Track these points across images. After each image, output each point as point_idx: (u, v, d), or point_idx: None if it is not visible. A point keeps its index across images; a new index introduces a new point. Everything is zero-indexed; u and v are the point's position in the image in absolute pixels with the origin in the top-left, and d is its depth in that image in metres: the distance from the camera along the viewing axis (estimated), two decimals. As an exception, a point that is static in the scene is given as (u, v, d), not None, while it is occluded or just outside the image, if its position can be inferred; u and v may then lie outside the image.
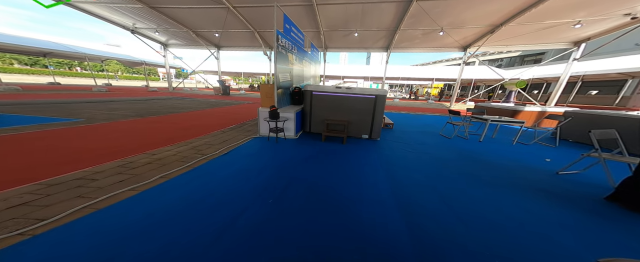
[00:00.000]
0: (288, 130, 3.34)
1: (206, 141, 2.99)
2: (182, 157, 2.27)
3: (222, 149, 2.61)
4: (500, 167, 2.39)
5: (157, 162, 2.10)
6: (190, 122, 4.33)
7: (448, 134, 3.95)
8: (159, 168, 1.97)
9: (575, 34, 7.56)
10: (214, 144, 2.82)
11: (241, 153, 2.52)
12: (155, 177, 1.77)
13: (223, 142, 2.96)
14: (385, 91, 3.23)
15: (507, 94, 6.72)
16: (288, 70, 3.55)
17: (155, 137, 2.99)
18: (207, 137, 3.17)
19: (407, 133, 4.16)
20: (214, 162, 2.20)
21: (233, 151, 2.57)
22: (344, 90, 3.32)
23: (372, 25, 8.76)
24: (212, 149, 2.60)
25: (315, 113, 3.55)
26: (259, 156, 2.44)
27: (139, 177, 1.77)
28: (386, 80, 12.30)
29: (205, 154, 2.42)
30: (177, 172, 1.90)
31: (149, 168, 1.96)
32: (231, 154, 2.46)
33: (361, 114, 3.40)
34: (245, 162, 2.25)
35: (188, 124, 4.06)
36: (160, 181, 1.72)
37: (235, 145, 2.83)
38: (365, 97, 3.29)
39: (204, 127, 3.82)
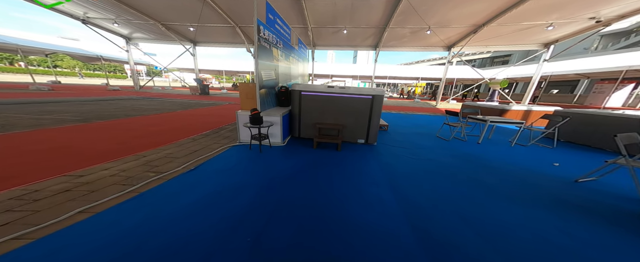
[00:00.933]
0: (274, 136, 2.86)
1: (168, 152, 2.39)
2: (125, 179, 1.70)
3: (187, 164, 2.06)
4: (511, 174, 2.18)
5: (81, 189, 1.51)
6: (152, 127, 3.61)
7: (445, 136, 3.77)
8: (80, 198, 1.39)
9: (545, 36, 8.05)
10: (177, 157, 2.24)
11: (213, 168, 2.01)
12: (65, 215, 1.20)
13: (191, 153, 2.39)
14: (382, 91, 2.90)
15: (491, 93, 6.89)
16: (272, 67, 3.06)
17: (94, 150, 2.32)
18: (171, 147, 2.56)
19: (403, 135, 3.91)
20: (172, 184, 1.67)
21: (202, 166, 2.04)
22: (337, 90, 2.93)
23: (361, 23, 8.51)
24: (173, 165, 2.03)
25: (305, 116, 3.12)
26: (236, 172, 1.95)
27: (38, 216, 1.19)
28: (374, 80, 12.22)
29: (161, 172, 1.86)
30: (110, 203, 1.35)
31: (62, 198, 1.38)
32: (199, 171, 1.93)
33: (357, 116, 3.04)
34: (216, 181, 1.75)
35: (148, 130, 3.37)
36: (74, 220, 1.17)
37: (206, 157, 2.28)
38: (361, 98, 2.93)
39: (170, 134, 3.17)
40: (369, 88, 2.95)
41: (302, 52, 5.88)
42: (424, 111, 8.49)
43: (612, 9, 6.14)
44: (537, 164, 2.52)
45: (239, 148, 2.67)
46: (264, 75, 2.78)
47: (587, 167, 2.21)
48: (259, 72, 2.58)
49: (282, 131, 2.89)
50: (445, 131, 4.12)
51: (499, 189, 1.84)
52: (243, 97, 2.80)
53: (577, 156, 2.85)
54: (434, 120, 6.07)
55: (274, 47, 3.08)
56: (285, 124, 3.08)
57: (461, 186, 1.89)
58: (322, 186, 1.75)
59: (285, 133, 3.06)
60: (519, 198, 1.70)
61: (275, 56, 3.18)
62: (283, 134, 2.94)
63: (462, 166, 2.39)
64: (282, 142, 2.92)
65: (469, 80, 19.90)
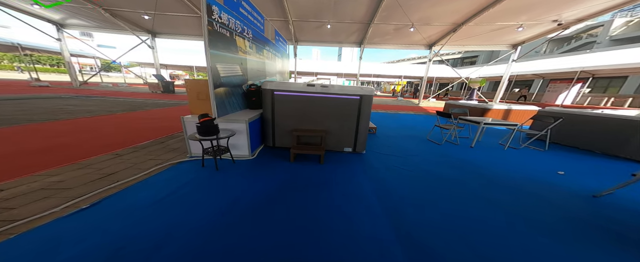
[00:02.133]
0: (238, 147, 2.24)
1: (56, 179, 1.59)
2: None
3: (78, 200, 1.34)
4: (520, 189, 1.90)
5: None
6: (59, 137, 2.65)
7: (437, 139, 3.50)
8: None
9: (514, 37, 8.52)
10: (68, 188, 1.48)
11: (127, 203, 1.35)
12: None
13: (101, 179, 1.65)
14: (371, 90, 2.45)
15: (470, 92, 7.01)
16: (236, 60, 2.41)
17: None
18: (68, 170, 1.75)
19: (393, 139, 3.56)
20: (31, 239, 0.98)
21: (110, 200, 1.36)
22: (319, 89, 2.40)
23: (345, 17, 8.07)
24: (51, 202, 1.30)
25: (280, 121, 2.54)
26: (164, 208, 1.32)
27: None
28: (360, 77, 11.98)
29: (12, 220, 1.13)
30: None
31: None
32: (98, 210, 1.26)
33: (342, 120, 2.55)
34: (134, 221, 1.12)
35: (48, 143, 2.44)
36: None
37: (123, 184, 1.58)
38: (347, 98, 2.44)
39: (83, 147, 2.32)
40: (355, 87, 2.48)
41: (281, 47, 5.22)
42: (408, 110, 8.43)
43: (573, 12, 6.58)
44: (540, 173, 2.31)
45: (188, 166, 1.99)
46: (224, 70, 2.12)
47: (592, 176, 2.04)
48: (213, 66, 1.92)
49: (250, 140, 2.27)
50: (436, 133, 3.87)
51: (516, 211, 1.50)
52: (193, 98, 2.11)
53: (573, 160, 2.74)
54: (421, 120, 5.92)
55: (239, 36, 2.43)
56: (255, 131, 2.46)
57: (471, 208, 1.52)
58: (300, 225, 1.22)
59: (255, 143, 2.45)
60: (544, 225, 1.37)
61: (241, 47, 2.53)
62: (251, 144, 2.32)
63: (466, 179, 2.06)
64: (250, 155, 2.31)
65: (445, 79, 20.96)
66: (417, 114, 7.29)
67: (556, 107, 3.57)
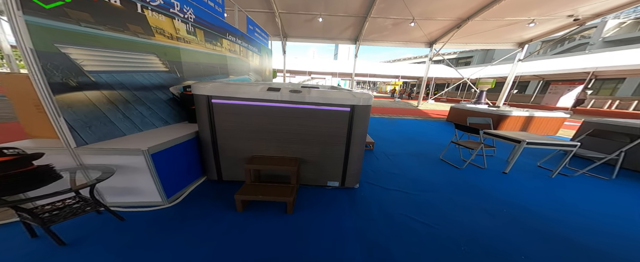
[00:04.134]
0: (138, 192, 1.33)
1: None
2: None
3: None
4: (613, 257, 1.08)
5: None
6: None
7: (454, 160, 2.68)
8: None
9: (520, 35, 7.86)
10: None
11: None
12: None
13: None
14: (368, 96, 1.59)
15: (478, 95, 6.27)
16: (150, 47, 1.49)
17: None
18: None
19: (396, 159, 2.71)
20: None
21: None
22: (286, 95, 1.52)
23: (338, 10, 7.20)
24: None
25: (227, 144, 1.65)
26: None
27: None
28: (355, 77, 11.16)
29: None
30: None
31: None
32: None
33: (326, 143, 1.69)
34: None
35: None
36: None
37: None
38: (331, 111, 1.58)
39: None
40: (344, 91, 1.62)
41: (259, 41, 4.30)
42: (407, 114, 7.64)
43: (591, 6, 5.93)
44: (630, 221, 1.51)
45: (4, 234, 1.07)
46: (106, 59, 1.21)
47: None
48: (49, 50, 1.01)
49: (165, 177, 1.37)
50: (452, 151, 3.02)
51: None
52: (26, 109, 1.14)
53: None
54: (425, 127, 5.10)
55: (159, 13, 1.51)
56: (188, 157, 1.56)
57: None
58: None
59: (179, 180, 1.55)
60: None
61: (165, 30, 1.62)
62: (171, 182, 1.42)
63: (521, 242, 1.23)
64: (165, 202, 1.40)
65: (442, 80, 20.44)
66: (418, 119, 6.49)
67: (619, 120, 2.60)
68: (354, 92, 1.60)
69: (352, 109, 1.59)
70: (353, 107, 1.57)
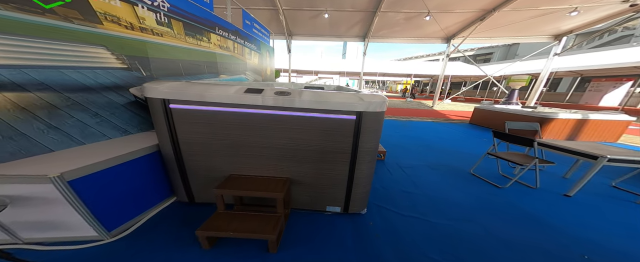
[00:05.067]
0: (65, 227, 1.00)
1: None
2: None
3: None
4: None
5: None
6: None
7: (489, 175, 2.14)
8: None
9: (557, 26, 6.89)
10: None
11: None
12: None
13: None
14: (381, 100, 1.16)
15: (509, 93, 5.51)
16: (89, 37, 1.17)
17: None
18: None
19: (413, 171, 2.24)
20: None
21: None
22: (270, 99, 1.13)
23: (345, 4, 6.76)
24: None
25: (195, 160, 1.30)
26: None
27: None
28: (364, 76, 10.61)
29: None
30: None
31: None
32: None
33: (323, 159, 1.30)
34: None
35: None
36: None
37: None
38: (332, 120, 1.17)
39: None
40: (350, 92, 1.20)
41: (259, 37, 3.98)
42: (422, 115, 6.99)
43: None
44: None
45: None
46: (28, 52, 0.90)
47: None
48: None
49: (98, 206, 1.03)
50: (488, 165, 2.46)
51: None
52: None
53: None
54: (445, 132, 4.49)
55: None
56: (147, 176, 1.23)
57: None
58: None
59: (143, 200, 1.22)
60: None
61: (122, 18, 1.30)
62: (130, 204, 1.09)
63: None
64: (105, 236, 1.07)
65: (459, 78, 19.15)
66: (436, 121, 5.84)
67: None
68: (361, 93, 1.18)
69: (359, 117, 1.17)
70: (360, 114, 1.15)
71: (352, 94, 1.18)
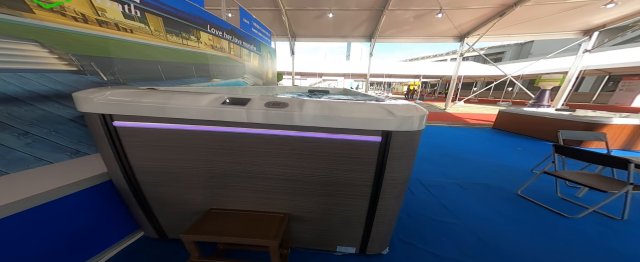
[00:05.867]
0: None
1: None
2: None
3: None
4: None
5: None
6: None
7: (553, 204, 1.68)
8: None
9: (587, 21, 6.26)
10: None
11: None
12: None
13: None
14: (419, 113, 0.79)
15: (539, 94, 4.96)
16: (31, 31, 0.85)
17: None
18: None
19: (441, 191, 1.83)
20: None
21: None
22: (261, 115, 0.78)
23: (350, 3, 6.44)
24: None
25: (160, 191, 0.95)
26: None
27: None
28: (370, 78, 10.20)
29: None
30: None
31: None
32: None
33: (334, 193, 0.93)
34: None
35: None
36: None
37: None
38: (348, 142, 0.81)
39: None
40: (372, 103, 0.83)
41: (259, 38, 3.69)
42: (436, 119, 6.46)
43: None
44: None
45: None
46: None
47: None
48: None
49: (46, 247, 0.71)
50: (536, 183, 2.01)
51: None
52: None
53: None
54: (466, 138, 3.97)
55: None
56: (98, 209, 0.90)
57: None
58: None
59: (94, 239, 0.89)
60: None
61: (69, 8, 0.99)
62: (71, 247, 0.76)
63: None
64: None
65: (471, 78, 18.34)
66: (453, 126, 5.32)
67: None
68: (389, 104, 0.81)
69: (387, 139, 0.80)
70: (388, 134, 0.79)
71: (376, 105, 0.82)
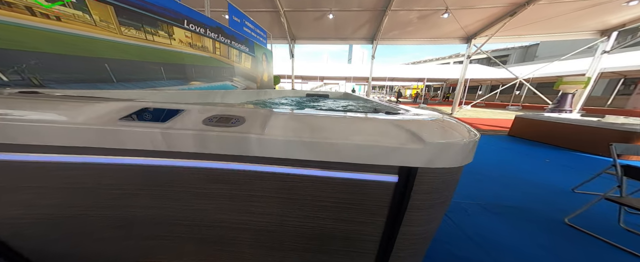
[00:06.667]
0: None
1: None
2: None
3: None
4: None
5: None
6: None
7: (616, 238, 1.30)
8: None
9: (604, 20, 5.88)
10: None
11: None
12: None
13: None
14: (468, 140, 0.44)
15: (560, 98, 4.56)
16: None
17: None
18: None
19: (465, 217, 1.45)
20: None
21: None
22: (189, 136, 0.45)
23: (352, 4, 6.21)
24: None
25: (32, 249, 0.61)
26: None
27: None
28: (372, 82, 9.90)
29: None
30: None
31: None
32: None
33: (317, 248, 0.57)
34: None
35: None
36: None
37: None
38: (340, 181, 0.47)
39: None
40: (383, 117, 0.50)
41: (252, 38, 3.43)
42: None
43: None
44: None
45: None
46: None
47: None
48: None
49: None
50: (597, 208, 1.66)
51: None
52: None
53: None
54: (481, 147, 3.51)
55: None
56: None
57: None
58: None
59: None
60: None
61: None
62: None
63: None
64: None
65: (476, 82, 17.92)
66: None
67: None
68: (411, 120, 0.48)
69: (409, 178, 0.46)
70: (411, 172, 0.45)
71: (390, 122, 0.48)
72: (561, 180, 2.15)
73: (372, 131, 0.47)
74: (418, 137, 0.44)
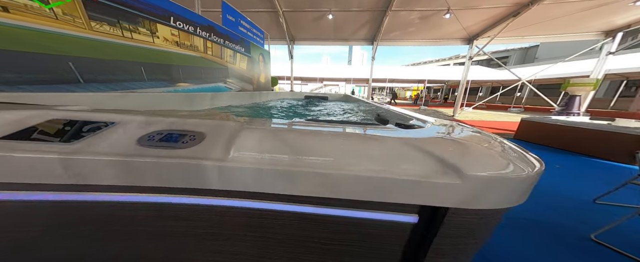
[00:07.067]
0: None
1: None
2: None
3: None
4: None
5: None
6: None
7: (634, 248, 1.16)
8: None
9: (609, 21, 5.78)
10: None
11: None
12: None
13: None
14: (527, 169, 0.30)
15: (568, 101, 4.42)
16: None
17: None
18: None
19: (493, 247, 1.29)
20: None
21: None
22: (111, 165, 0.30)
23: (351, 4, 6.11)
24: None
25: None
26: None
27: None
28: (372, 83, 9.77)
29: None
30: None
31: None
32: None
33: None
34: None
35: None
36: None
37: None
38: (330, 219, 0.31)
39: None
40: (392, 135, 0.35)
41: (248, 37, 3.29)
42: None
43: None
44: None
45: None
46: None
47: None
48: None
49: None
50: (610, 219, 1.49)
51: None
52: None
53: None
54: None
55: None
56: None
57: None
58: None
59: None
60: None
61: None
62: None
63: None
64: None
65: (477, 83, 17.82)
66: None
67: None
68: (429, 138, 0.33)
69: (433, 218, 0.31)
70: (436, 212, 0.30)
71: (406, 141, 0.33)
72: (578, 189, 1.98)
73: (383, 154, 0.32)
74: (453, 167, 0.29)
